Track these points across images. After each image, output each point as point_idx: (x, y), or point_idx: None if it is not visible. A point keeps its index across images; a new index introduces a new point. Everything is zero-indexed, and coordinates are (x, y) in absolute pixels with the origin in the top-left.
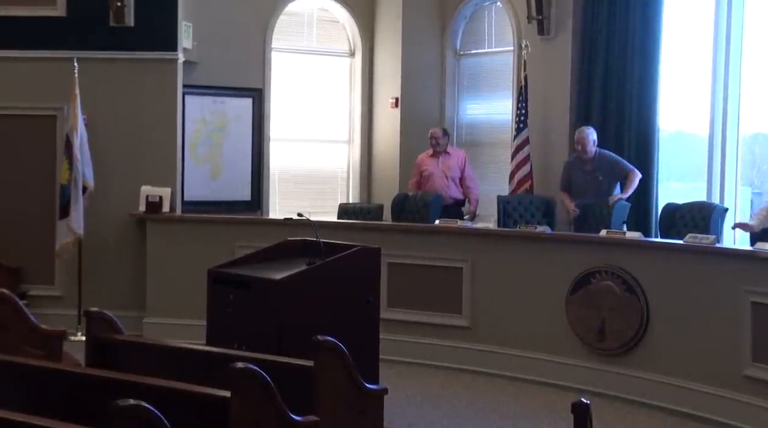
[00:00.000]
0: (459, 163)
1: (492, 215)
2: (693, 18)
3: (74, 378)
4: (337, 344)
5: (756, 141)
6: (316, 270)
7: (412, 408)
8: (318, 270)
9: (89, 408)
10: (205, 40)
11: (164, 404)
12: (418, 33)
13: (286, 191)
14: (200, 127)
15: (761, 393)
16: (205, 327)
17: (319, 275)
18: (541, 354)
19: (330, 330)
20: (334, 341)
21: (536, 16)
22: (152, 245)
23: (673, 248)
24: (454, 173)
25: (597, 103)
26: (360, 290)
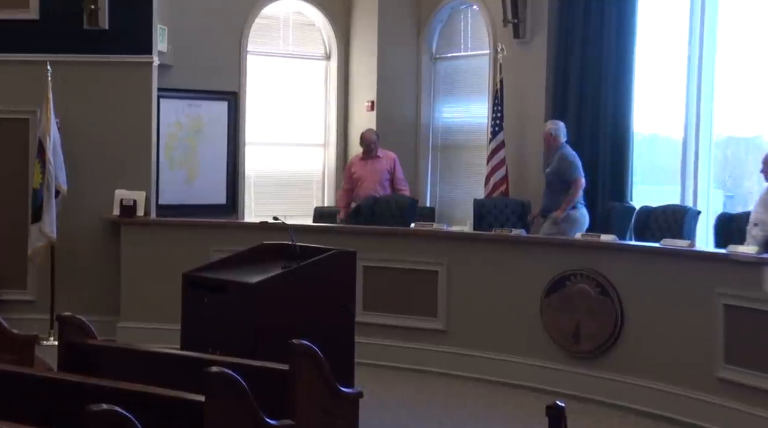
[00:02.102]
0: (389, 166)
1: (467, 218)
2: (667, 22)
3: (46, 383)
4: (313, 348)
5: (728, 144)
6: (291, 274)
7: (387, 412)
8: (294, 274)
9: (62, 414)
10: (180, 44)
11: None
12: (394, 36)
13: (261, 195)
14: (175, 130)
15: (734, 394)
16: (179, 331)
17: (295, 279)
18: (516, 357)
19: (305, 334)
20: (309, 345)
21: (512, 19)
22: (126, 249)
23: (648, 250)
24: (384, 176)
25: (572, 107)
26: (336, 293)
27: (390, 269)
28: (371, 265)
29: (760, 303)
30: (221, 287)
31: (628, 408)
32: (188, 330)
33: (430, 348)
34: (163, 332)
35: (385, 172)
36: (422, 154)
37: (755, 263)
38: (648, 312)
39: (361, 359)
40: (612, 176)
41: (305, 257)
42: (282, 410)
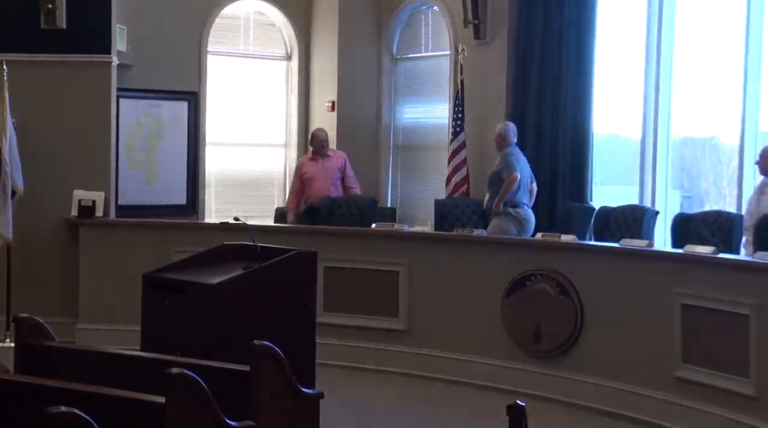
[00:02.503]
0: (340, 164)
1: (428, 218)
2: (626, 23)
3: (3, 385)
4: (274, 348)
5: (685, 145)
6: (252, 275)
7: (349, 412)
8: (255, 274)
9: (19, 416)
10: (139, 43)
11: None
12: (354, 37)
13: (222, 195)
14: (135, 130)
15: (691, 393)
16: (139, 332)
17: (256, 280)
18: (476, 357)
19: (266, 335)
20: (270, 345)
21: (472, 20)
22: (85, 250)
23: (607, 250)
24: (335, 175)
25: (532, 107)
26: (297, 294)
27: (351, 269)
28: (332, 266)
29: (716, 303)
30: (182, 288)
31: (588, 407)
32: (148, 332)
33: (391, 348)
34: (123, 333)
35: (336, 171)
36: (383, 154)
37: (712, 263)
38: (607, 312)
39: (323, 359)
40: (572, 177)
41: (266, 257)
42: (243, 411)
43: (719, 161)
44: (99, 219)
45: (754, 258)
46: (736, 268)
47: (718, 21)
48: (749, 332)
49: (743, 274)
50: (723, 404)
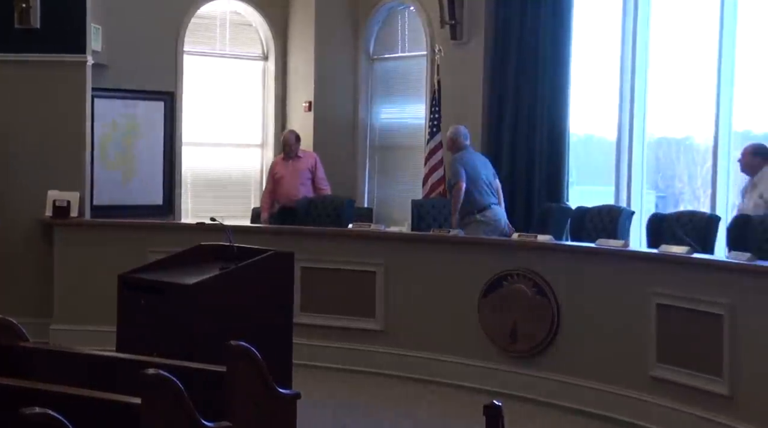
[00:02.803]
0: (309, 165)
1: (405, 218)
2: (601, 24)
3: None
4: (250, 349)
5: (660, 146)
6: (229, 275)
7: (326, 413)
8: (231, 275)
9: None
10: (115, 43)
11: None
12: (331, 37)
13: (199, 196)
14: (111, 130)
15: (666, 392)
16: (115, 333)
17: (233, 280)
18: (453, 357)
19: (243, 335)
20: (246, 346)
21: (449, 20)
22: (60, 250)
23: (583, 250)
24: (305, 176)
25: (509, 108)
26: (273, 295)
27: (328, 270)
28: (309, 266)
29: (691, 302)
30: (158, 289)
31: (564, 407)
32: (124, 332)
33: (367, 348)
34: (98, 334)
35: (305, 171)
36: (360, 154)
37: (686, 263)
38: (584, 312)
39: (299, 360)
40: (548, 177)
41: (243, 258)
42: (219, 412)
43: (693, 162)
44: (74, 220)
45: (728, 258)
46: (710, 268)
47: (692, 23)
48: (723, 331)
49: (717, 274)
50: (697, 403)
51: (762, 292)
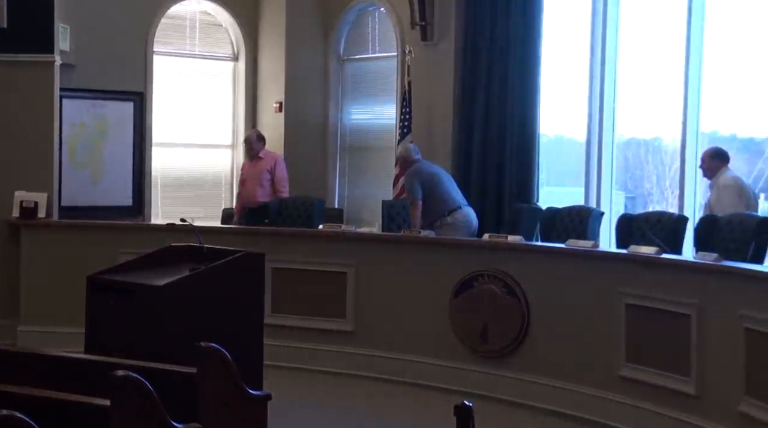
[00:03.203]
0: (269, 166)
1: (376, 219)
2: (571, 26)
3: None
4: (221, 350)
5: (629, 146)
6: (199, 276)
7: (296, 414)
8: (202, 276)
9: None
10: (83, 43)
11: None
12: (301, 38)
13: (169, 196)
14: (79, 131)
15: (634, 392)
16: (83, 334)
17: (203, 281)
18: (424, 358)
19: (213, 336)
20: (217, 347)
21: (419, 22)
22: (27, 251)
23: (553, 251)
24: (264, 177)
25: (479, 109)
26: (244, 295)
27: (299, 270)
28: (280, 267)
29: (659, 303)
30: (127, 290)
31: (535, 406)
32: (93, 334)
33: (338, 349)
34: (66, 336)
35: (264, 172)
36: (331, 155)
37: (655, 263)
38: (554, 312)
39: (270, 361)
40: (519, 178)
41: (213, 259)
42: (190, 413)
43: (662, 162)
44: (42, 220)
45: (695, 259)
46: (678, 268)
47: (660, 25)
48: (691, 331)
49: (685, 274)
50: (666, 403)
51: (728, 292)
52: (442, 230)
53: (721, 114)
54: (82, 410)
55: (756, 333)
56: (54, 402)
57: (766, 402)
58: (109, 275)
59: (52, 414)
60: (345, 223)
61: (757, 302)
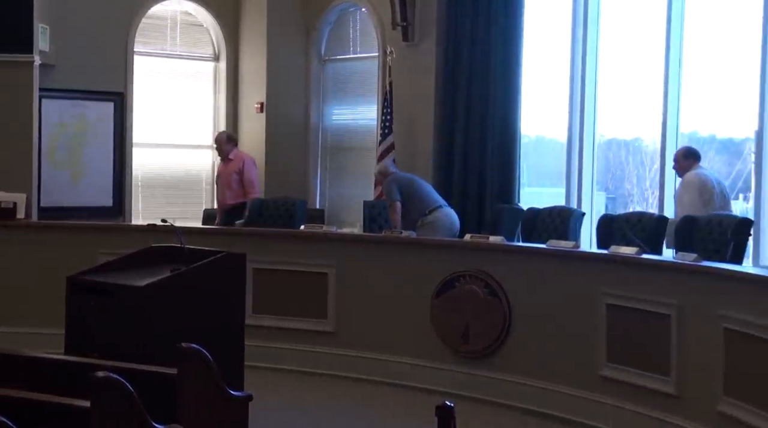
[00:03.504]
0: (237, 168)
1: (357, 219)
2: (552, 27)
3: None
4: (202, 351)
5: (610, 147)
6: (180, 277)
7: (277, 415)
8: (182, 277)
9: None
10: (63, 43)
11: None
12: (282, 38)
13: (149, 197)
14: (59, 131)
15: (615, 392)
16: (63, 335)
17: (184, 282)
18: (405, 358)
19: (194, 337)
20: (198, 348)
21: (400, 22)
22: (5, 252)
23: (534, 251)
24: (231, 179)
25: (461, 109)
26: (225, 296)
27: (280, 271)
28: (261, 267)
29: (639, 303)
30: (108, 291)
31: (516, 407)
32: (73, 335)
33: (319, 349)
34: (46, 337)
35: (233, 174)
36: (312, 155)
37: (635, 264)
38: (535, 312)
39: (251, 362)
40: (500, 178)
41: (194, 259)
42: (170, 414)
43: (642, 163)
44: (21, 221)
45: (675, 259)
46: (658, 268)
47: (640, 26)
48: (670, 331)
49: (665, 274)
50: (646, 402)
51: (707, 292)
52: (423, 229)
53: (700, 115)
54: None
55: (735, 333)
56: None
57: (745, 401)
58: (89, 275)
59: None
60: (326, 223)
61: (736, 302)
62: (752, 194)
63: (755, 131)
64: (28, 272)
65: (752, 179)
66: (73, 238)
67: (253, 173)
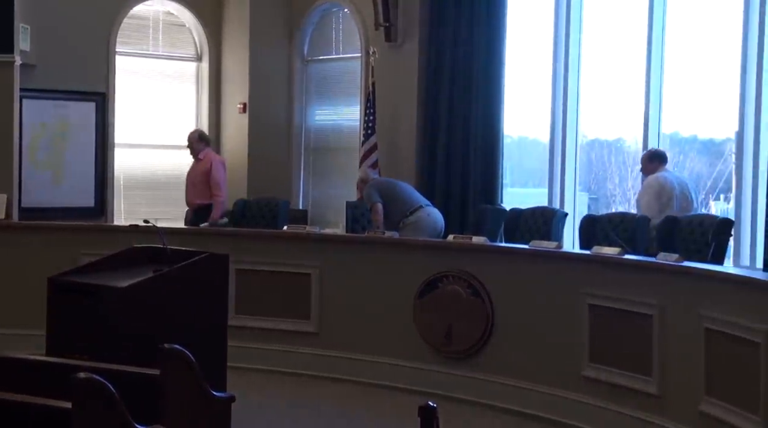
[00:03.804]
0: (205, 168)
1: (340, 220)
2: (535, 27)
3: None
4: (184, 352)
5: (593, 147)
6: (163, 277)
7: (260, 416)
8: (165, 277)
9: None
10: (44, 43)
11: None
12: (265, 38)
13: (132, 197)
14: (40, 131)
15: (598, 392)
16: (45, 336)
17: (167, 283)
18: (388, 359)
19: (177, 338)
20: (180, 349)
21: (383, 23)
22: None
23: (517, 252)
24: (199, 179)
25: (443, 110)
26: (208, 297)
27: (263, 272)
28: (244, 268)
29: (621, 303)
30: (90, 292)
31: (499, 407)
32: (54, 336)
33: (303, 350)
34: (28, 338)
35: (200, 175)
36: (295, 156)
37: (617, 264)
38: (518, 312)
39: (234, 362)
40: (483, 179)
41: (177, 260)
42: (152, 415)
43: (624, 164)
44: (1, 222)
45: (657, 259)
46: (641, 269)
47: (622, 27)
48: (652, 332)
49: (647, 274)
50: (628, 402)
51: (689, 293)
52: (406, 230)
53: (681, 116)
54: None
55: (716, 333)
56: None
57: (726, 401)
58: (71, 276)
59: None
60: (309, 224)
61: (717, 302)
62: (733, 195)
63: (735, 131)
64: (9, 273)
65: (733, 180)
66: (55, 239)
67: (221, 175)
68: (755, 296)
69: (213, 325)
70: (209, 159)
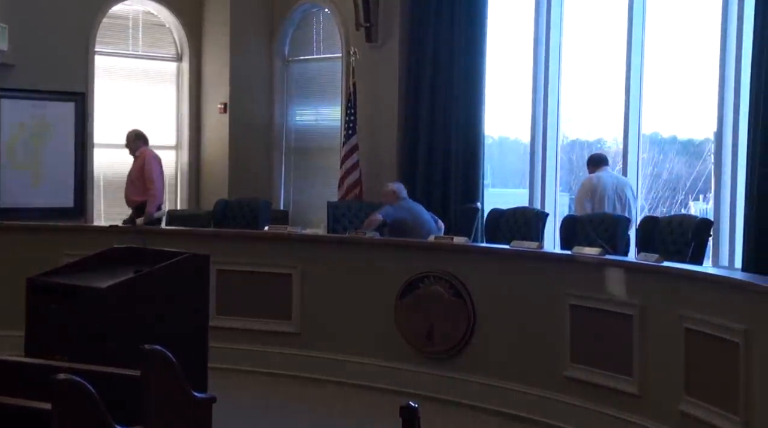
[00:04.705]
0: (139, 165)
1: (322, 220)
2: (515, 28)
3: None
4: (165, 352)
5: (573, 148)
6: (143, 278)
7: (242, 416)
8: (146, 278)
9: None
10: (22, 43)
11: None
12: (245, 38)
13: (111, 198)
14: (18, 131)
15: (579, 392)
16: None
17: (147, 283)
18: (370, 359)
19: (158, 339)
20: (161, 349)
21: (364, 23)
22: None
23: (498, 252)
24: (134, 176)
25: (424, 110)
26: (189, 297)
27: (244, 272)
28: (225, 268)
29: (602, 303)
30: (69, 292)
31: (480, 407)
32: (33, 337)
33: (284, 351)
34: (7, 339)
35: (136, 172)
36: (276, 156)
37: (599, 264)
38: (499, 313)
39: (215, 363)
40: (464, 179)
41: (157, 261)
42: (133, 416)
43: None
44: None
45: (638, 259)
46: (621, 269)
47: (602, 28)
48: (633, 332)
49: (627, 275)
50: (609, 402)
51: (669, 293)
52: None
53: (661, 116)
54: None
55: (695, 333)
56: None
57: (706, 401)
58: (50, 277)
59: None
60: (290, 224)
61: (697, 302)
62: (712, 195)
63: (714, 132)
64: None
65: (712, 180)
66: (34, 239)
67: (155, 170)
68: (734, 296)
69: (194, 326)
70: (142, 156)
